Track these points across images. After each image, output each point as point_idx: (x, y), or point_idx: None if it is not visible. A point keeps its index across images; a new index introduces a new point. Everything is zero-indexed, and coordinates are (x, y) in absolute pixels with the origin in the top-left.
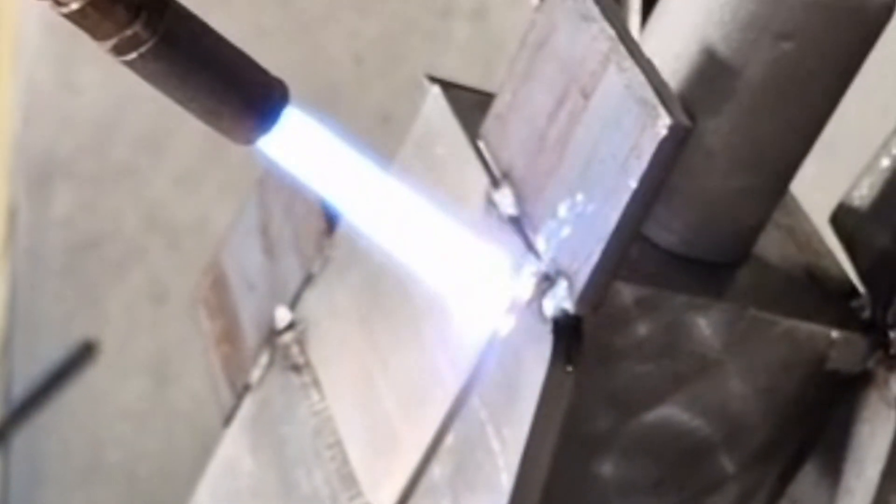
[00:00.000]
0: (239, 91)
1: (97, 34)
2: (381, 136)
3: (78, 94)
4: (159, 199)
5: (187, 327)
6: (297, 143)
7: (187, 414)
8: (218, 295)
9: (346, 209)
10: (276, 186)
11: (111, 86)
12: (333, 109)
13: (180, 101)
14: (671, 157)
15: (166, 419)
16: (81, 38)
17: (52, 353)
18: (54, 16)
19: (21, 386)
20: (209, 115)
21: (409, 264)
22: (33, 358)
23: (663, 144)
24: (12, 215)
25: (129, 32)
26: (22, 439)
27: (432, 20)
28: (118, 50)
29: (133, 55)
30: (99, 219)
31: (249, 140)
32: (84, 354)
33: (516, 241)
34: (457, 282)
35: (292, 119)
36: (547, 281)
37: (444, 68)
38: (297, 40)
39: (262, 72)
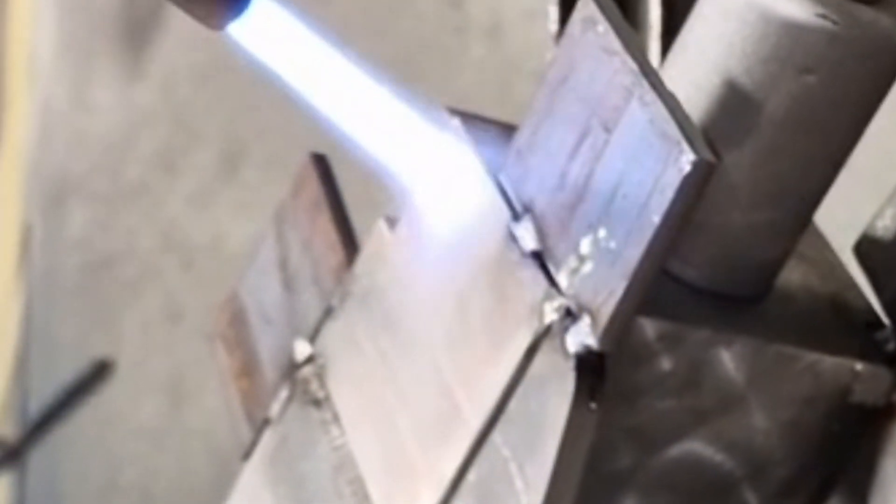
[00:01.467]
0: None
1: None
2: None
3: (92, 114)
4: (173, 219)
5: (202, 346)
6: (267, 30)
7: (202, 432)
8: (236, 329)
9: (313, 99)
10: (294, 220)
11: (125, 106)
12: None
13: None
14: (696, 193)
15: (181, 437)
16: (95, 60)
17: (67, 372)
18: (69, 37)
19: (37, 405)
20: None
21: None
22: (48, 377)
23: (687, 180)
24: (27, 235)
25: None
26: (38, 458)
27: (448, 38)
28: None
29: None
30: (113, 238)
31: (221, 25)
32: (99, 373)
33: (538, 276)
34: (476, 314)
35: (263, 6)
36: (569, 317)
37: (459, 86)
38: None
39: None
